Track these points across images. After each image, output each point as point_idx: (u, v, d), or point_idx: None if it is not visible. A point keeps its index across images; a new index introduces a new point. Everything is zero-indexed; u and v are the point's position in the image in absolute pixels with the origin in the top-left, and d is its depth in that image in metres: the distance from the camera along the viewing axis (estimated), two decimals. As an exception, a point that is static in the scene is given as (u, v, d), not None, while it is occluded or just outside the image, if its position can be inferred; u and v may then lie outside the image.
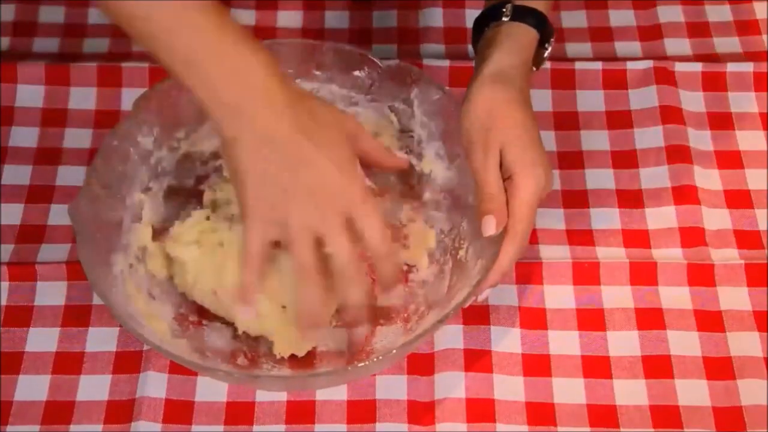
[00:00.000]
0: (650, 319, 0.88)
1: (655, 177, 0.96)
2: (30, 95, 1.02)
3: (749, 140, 0.99)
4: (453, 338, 0.87)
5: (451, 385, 0.84)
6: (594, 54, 1.07)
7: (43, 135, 1.00)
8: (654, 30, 1.09)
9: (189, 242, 0.86)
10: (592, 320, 0.88)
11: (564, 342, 0.87)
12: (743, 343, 0.87)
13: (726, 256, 0.91)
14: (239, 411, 0.84)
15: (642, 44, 1.08)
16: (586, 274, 0.90)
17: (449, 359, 0.86)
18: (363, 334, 0.85)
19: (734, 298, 0.89)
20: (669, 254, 0.92)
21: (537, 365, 0.86)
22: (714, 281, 0.90)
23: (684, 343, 0.87)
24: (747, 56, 1.06)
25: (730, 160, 0.98)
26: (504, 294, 0.89)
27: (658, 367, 0.86)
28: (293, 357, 0.85)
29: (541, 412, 0.83)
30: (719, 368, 0.85)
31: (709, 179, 0.97)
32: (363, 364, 0.78)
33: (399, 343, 0.82)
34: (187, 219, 0.88)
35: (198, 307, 0.87)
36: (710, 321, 0.88)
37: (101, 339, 0.88)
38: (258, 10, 1.11)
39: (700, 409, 0.84)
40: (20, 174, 0.97)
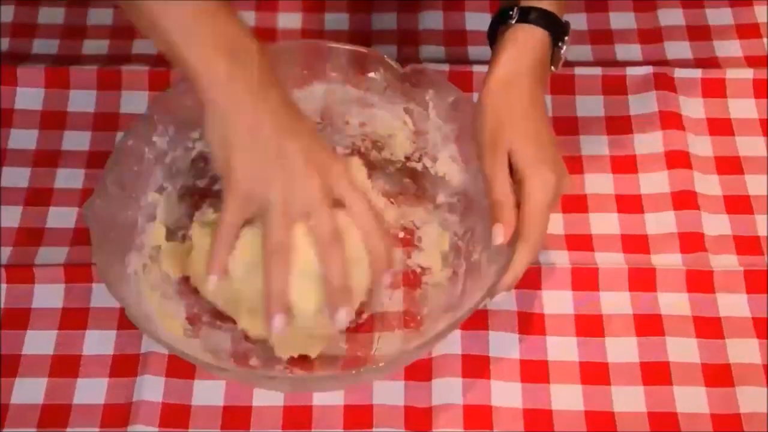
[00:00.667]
0: (649, 326, 0.88)
1: (655, 182, 0.96)
2: (30, 98, 1.02)
3: (749, 146, 0.99)
4: (451, 344, 0.86)
5: (449, 391, 0.84)
6: (594, 57, 1.07)
7: (43, 138, 1.00)
8: (654, 33, 1.09)
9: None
10: (591, 326, 0.88)
11: (562, 348, 0.87)
12: (742, 351, 0.86)
13: (725, 263, 0.91)
14: (236, 415, 0.84)
15: (642, 47, 1.08)
16: (585, 280, 0.90)
17: (447, 365, 0.85)
18: (346, 321, 0.80)
19: (733, 305, 0.89)
20: (668, 260, 0.91)
21: (535, 371, 0.86)
22: (713, 288, 0.89)
23: (683, 350, 0.87)
24: (747, 60, 1.06)
25: (730, 166, 0.98)
26: (502, 299, 0.88)
27: (657, 374, 0.85)
28: (304, 358, 0.85)
29: (539, 419, 0.83)
30: (718, 375, 0.85)
31: (709, 185, 0.96)
32: (378, 366, 0.80)
33: (411, 346, 0.82)
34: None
35: (211, 307, 0.87)
36: (709, 328, 0.88)
37: (99, 342, 0.87)
38: (258, 12, 1.11)
39: (699, 416, 0.83)
40: (19, 176, 0.97)
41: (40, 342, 0.88)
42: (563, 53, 0.88)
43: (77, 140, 1.00)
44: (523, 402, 0.84)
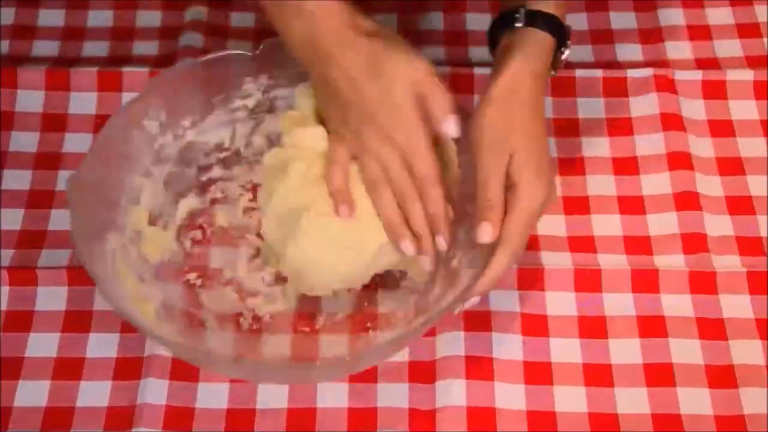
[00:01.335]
0: (652, 327, 0.88)
1: (657, 184, 0.96)
2: (30, 100, 1.02)
3: (750, 147, 0.99)
4: (454, 345, 0.87)
5: (452, 393, 0.84)
6: (594, 57, 1.07)
7: (43, 140, 1.00)
8: (655, 33, 1.09)
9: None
10: (594, 328, 0.88)
11: (565, 349, 0.87)
12: (745, 352, 0.87)
13: (728, 263, 0.91)
14: (240, 417, 0.84)
15: (643, 47, 1.08)
16: (588, 281, 0.90)
17: (450, 367, 0.86)
18: (444, 245, 0.82)
19: (736, 306, 0.89)
20: (671, 261, 0.92)
21: (538, 373, 0.86)
22: (716, 289, 0.90)
23: (686, 351, 0.87)
24: (748, 60, 1.06)
25: (732, 167, 0.98)
26: (505, 300, 0.89)
27: (660, 376, 0.86)
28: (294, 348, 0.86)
29: (543, 421, 0.83)
30: (721, 377, 0.85)
31: (711, 186, 0.97)
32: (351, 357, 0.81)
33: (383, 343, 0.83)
34: None
35: (189, 296, 0.88)
36: (712, 329, 0.88)
37: (102, 345, 0.87)
38: (258, 13, 1.11)
39: (702, 418, 0.84)
40: (20, 179, 0.97)
41: (43, 345, 0.88)
42: (564, 57, 0.88)
43: (78, 142, 0.99)
44: (527, 404, 0.84)
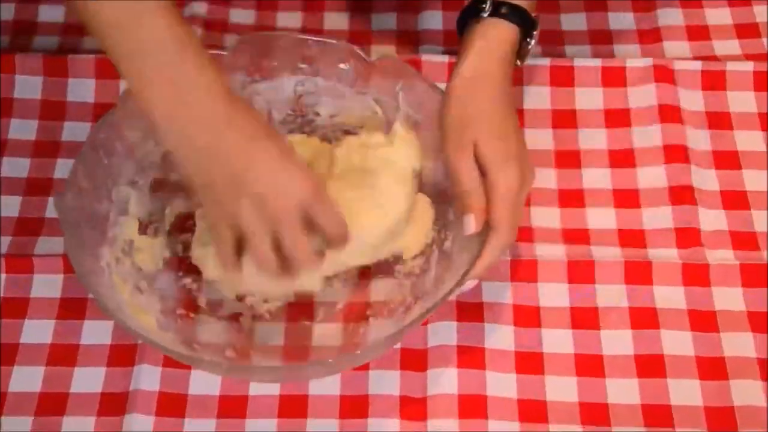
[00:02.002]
0: (644, 319, 0.88)
1: (652, 176, 0.96)
2: (28, 86, 1.02)
3: (747, 140, 0.99)
4: (446, 335, 0.87)
5: (444, 382, 0.84)
6: (593, 56, 1.07)
7: (42, 127, 1.00)
8: (653, 33, 1.09)
9: None
10: (586, 319, 0.88)
11: (557, 340, 0.87)
12: (737, 344, 0.87)
13: (721, 257, 0.91)
14: (232, 404, 0.84)
15: (641, 47, 1.08)
16: (581, 273, 0.90)
17: (442, 355, 0.86)
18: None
19: (729, 299, 0.89)
20: (664, 254, 0.92)
21: (530, 363, 0.86)
22: (709, 281, 0.90)
23: (677, 343, 0.87)
24: (747, 58, 1.06)
25: (728, 161, 0.98)
26: (498, 291, 0.89)
27: (651, 367, 0.86)
28: (286, 349, 0.86)
29: (533, 410, 0.83)
30: (712, 368, 0.85)
31: (707, 180, 0.97)
32: (351, 355, 0.81)
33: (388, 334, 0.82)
34: None
35: (186, 301, 0.88)
36: (704, 321, 0.88)
37: (96, 332, 0.88)
38: (258, 11, 1.12)
39: (692, 409, 0.84)
40: (18, 166, 0.98)
41: (39, 331, 0.88)
42: (531, 48, 0.89)
43: (76, 130, 1.00)
44: (518, 393, 0.84)
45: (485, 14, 0.86)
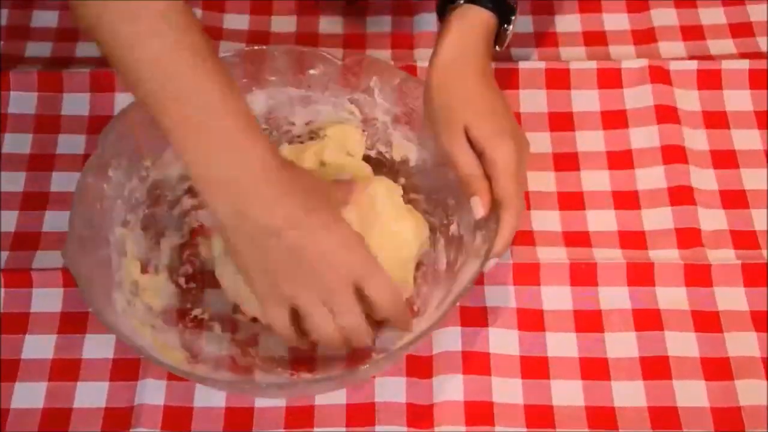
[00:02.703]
0: (648, 321, 0.88)
1: (651, 178, 0.96)
2: (23, 102, 1.02)
3: (745, 139, 0.99)
4: (451, 341, 0.87)
5: (450, 388, 0.84)
6: (588, 58, 1.07)
7: (37, 141, 1.00)
8: (648, 33, 1.09)
9: None
10: (590, 322, 0.88)
11: (562, 344, 0.87)
12: (741, 344, 0.87)
13: (723, 257, 0.91)
14: (238, 417, 0.84)
15: (636, 48, 1.08)
16: (584, 276, 0.90)
17: (448, 362, 0.86)
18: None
19: (731, 299, 0.89)
20: (666, 255, 0.92)
21: (535, 367, 0.86)
22: (711, 282, 0.90)
23: (682, 344, 0.87)
24: (742, 57, 1.06)
25: (726, 160, 0.98)
26: (501, 296, 0.89)
27: (656, 369, 0.86)
28: (293, 362, 0.85)
29: (540, 415, 0.83)
30: (717, 369, 0.86)
31: (705, 180, 0.97)
32: (364, 367, 0.79)
33: (418, 330, 0.81)
34: None
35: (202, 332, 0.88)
36: (708, 322, 0.88)
37: (98, 346, 0.87)
38: (252, 15, 1.11)
39: (699, 410, 0.84)
40: (14, 181, 0.97)
41: (40, 346, 0.87)
42: (509, 33, 0.89)
43: (72, 143, 0.99)
44: (524, 398, 0.84)
45: (462, 0, 0.87)
